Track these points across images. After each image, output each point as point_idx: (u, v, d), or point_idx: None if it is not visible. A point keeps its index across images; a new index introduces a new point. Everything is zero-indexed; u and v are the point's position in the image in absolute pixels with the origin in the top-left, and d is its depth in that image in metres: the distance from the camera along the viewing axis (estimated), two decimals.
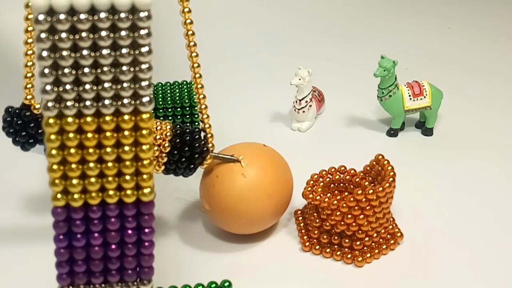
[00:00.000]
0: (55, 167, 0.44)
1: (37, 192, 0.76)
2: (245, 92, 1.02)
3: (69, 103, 0.43)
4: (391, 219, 0.69)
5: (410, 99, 0.86)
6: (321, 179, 0.71)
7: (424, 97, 0.86)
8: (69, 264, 0.47)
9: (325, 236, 0.66)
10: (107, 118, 0.44)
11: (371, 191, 0.63)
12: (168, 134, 0.60)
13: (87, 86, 0.43)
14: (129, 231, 0.47)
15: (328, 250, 0.66)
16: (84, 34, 0.42)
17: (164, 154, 0.60)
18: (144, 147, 0.45)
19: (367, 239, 0.65)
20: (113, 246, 0.47)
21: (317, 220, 0.66)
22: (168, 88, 0.85)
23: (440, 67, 1.10)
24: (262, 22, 1.26)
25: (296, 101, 0.89)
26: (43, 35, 0.41)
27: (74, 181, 0.45)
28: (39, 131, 0.64)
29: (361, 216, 0.64)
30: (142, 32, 0.43)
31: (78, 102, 0.44)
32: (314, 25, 1.28)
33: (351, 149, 0.85)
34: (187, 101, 0.81)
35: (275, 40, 1.21)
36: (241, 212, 0.63)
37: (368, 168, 0.71)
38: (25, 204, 0.74)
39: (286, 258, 0.66)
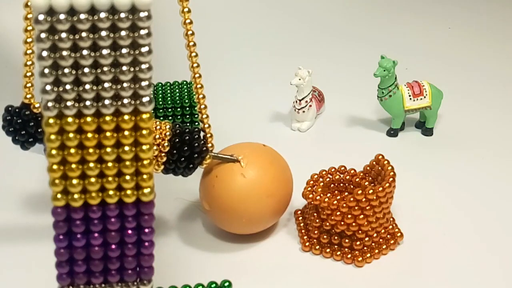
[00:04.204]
0: (55, 167, 0.44)
1: (37, 192, 0.76)
2: (245, 92, 1.02)
3: (69, 103, 0.43)
4: (391, 219, 0.69)
5: (410, 99, 0.86)
6: (321, 179, 0.71)
7: (424, 97, 0.86)
8: (69, 264, 0.47)
9: (325, 236, 0.66)
10: (107, 118, 0.44)
11: (371, 191, 0.63)
12: (168, 133, 0.60)
13: (87, 86, 0.43)
14: (129, 231, 0.47)
15: (328, 250, 0.66)
16: (84, 34, 0.42)
17: (163, 154, 0.61)
18: (144, 147, 0.45)
19: (367, 239, 0.65)
20: (113, 246, 0.47)
21: (317, 220, 0.66)
22: (168, 88, 0.85)
23: (440, 67, 1.10)
24: (262, 22, 1.26)
25: (296, 101, 0.89)
26: (43, 35, 0.41)
27: (74, 181, 0.45)
28: (39, 130, 0.64)
29: (361, 216, 0.64)
30: (142, 32, 0.43)
31: (78, 102, 0.44)
32: (314, 25, 1.28)
33: (351, 149, 0.85)
34: (187, 101, 0.81)
35: (275, 40, 1.21)
36: (241, 212, 0.63)
37: (368, 168, 0.71)
38: (25, 204, 0.74)
39: (286, 258, 0.66)
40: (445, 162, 0.83)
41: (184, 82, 0.86)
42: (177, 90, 0.85)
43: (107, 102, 0.44)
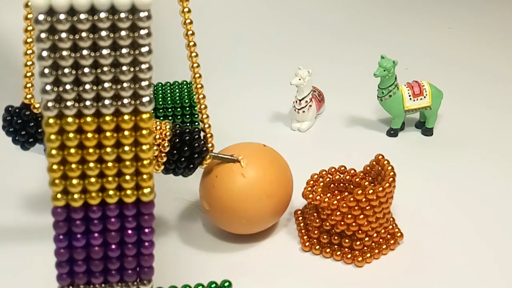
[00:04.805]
0: (55, 167, 0.44)
1: (37, 192, 0.76)
2: (245, 92, 1.02)
3: (69, 103, 0.43)
4: (391, 219, 0.69)
5: (410, 99, 0.86)
6: (321, 179, 0.71)
7: (424, 97, 0.86)
8: (69, 264, 0.47)
9: (325, 236, 0.66)
10: (107, 118, 0.44)
11: (371, 191, 0.63)
12: (168, 134, 0.60)
13: (87, 86, 0.43)
14: (129, 231, 0.47)
15: (328, 250, 0.66)
16: (84, 34, 0.42)
17: (163, 154, 0.60)
18: (144, 147, 0.45)
19: (367, 239, 0.65)
20: (113, 246, 0.47)
21: (317, 220, 0.66)
22: (168, 88, 0.85)
23: (440, 67, 1.10)
24: (262, 22, 1.26)
25: (296, 101, 0.89)
26: (43, 35, 0.41)
27: (74, 181, 0.45)
28: (39, 130, 0.64)
29: (361, 216, 0.64)
30: (142, 32, 0.43)
31: (78, 102, 0.44)
32: (314, 25, 1.28)
33: (351, 149, 0.85)
34: (187, 101, 0.81)
35: (275, 40, 1.21)
36: (240, 212, 0.63)
37: (368, 168, 0.71)
38: (25, 204, 0.74)
39: (286, 258, 0.66)
40: (445, 162, 0.83)
41: (184, 82, 0.86)
42: (177, 90, 0.84)
43: (107, 102, 0.44)
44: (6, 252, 0.67)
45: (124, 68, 0.43)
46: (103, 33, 0.42)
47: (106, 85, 0.44)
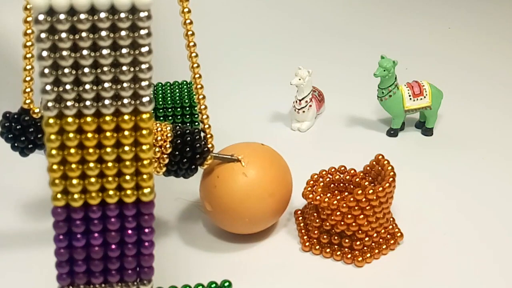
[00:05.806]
0: (55, 167, 0.44)
1: (37, 192, 0.76)
2: (245, 92, 1.02)
3: (69, 103, 0.43)
4: (391, 219, 0.69)
5: (410, 99, 0.86)
6: (321, 179, 0.71)
7: (424, 97, 0.86)
8: (69, 264, 0.47)
9: (325, 236, 0.66)
10: (107, 118, 0.44)
11: (371, 191, 0.63)
12: (169, 135, 0.60)
13: (87, 86, 0.43)
14: (129, 231, 0.47)
15: (328, 250, 0.66)
16: (84, 34, 0.42)
17: (165, 156, 0.60)
18: (144, 147, 0.45)
19: (367, 239, 0.65)
20: (113, 246, 0.47)
21: (317, 220, 0.66)
22: (168, 88, 0.85)
23: (440, 67, 1.10)
24: (262, 22, 1.26)
25: (296, 101, 0.89)
26: (43, 35, 0.41)
27: (74, 181, 0.45)
28: (38, 135, 0.63)
29: (361, 216, 0.64)
30: (142, 32, 0.43)
31: (78, 102, 0.44)
32: (314, 25, 1.28)
33: (351, 149, 0.85)
34: (187, 101, 0.81)
35: (275, 40, 1.21)
36: (243, 211, 0.63)
37: (368, 168, 0.71)
38: (25, 204, 0.74)
39: (286, 258, 0.66)
40: (445, 162, 0.83)
41: (184, 82, 0.86)
42: (177, 90, 0.84)
43: (107, 102, 0.44)
44: (6, 252, 0.67)
45: (124, 68, 0.43)
46: (103, 33, 0.42)
47: (106, 85, 0.44)
